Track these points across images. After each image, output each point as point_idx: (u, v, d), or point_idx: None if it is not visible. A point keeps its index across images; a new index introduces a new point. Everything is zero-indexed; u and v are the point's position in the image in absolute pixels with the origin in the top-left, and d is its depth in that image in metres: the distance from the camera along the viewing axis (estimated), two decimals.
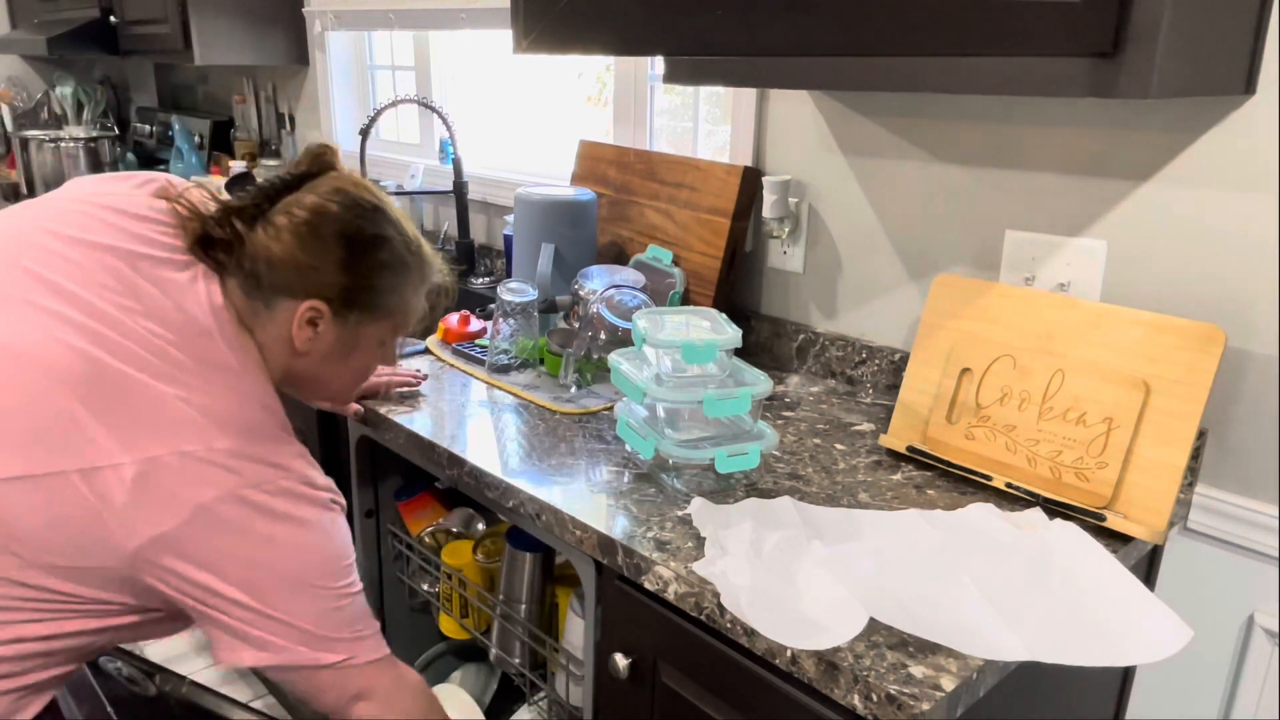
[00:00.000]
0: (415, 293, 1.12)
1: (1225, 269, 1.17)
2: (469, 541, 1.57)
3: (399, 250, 1.07)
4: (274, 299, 1.01)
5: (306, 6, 2.78)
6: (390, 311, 1.09)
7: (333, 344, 1.06)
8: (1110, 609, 0.96)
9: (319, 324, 1.03)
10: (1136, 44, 0.90)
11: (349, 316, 1.05)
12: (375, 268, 1.05)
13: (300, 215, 1.00)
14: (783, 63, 1.24)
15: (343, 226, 1.02)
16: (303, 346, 1.04)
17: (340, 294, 1.03)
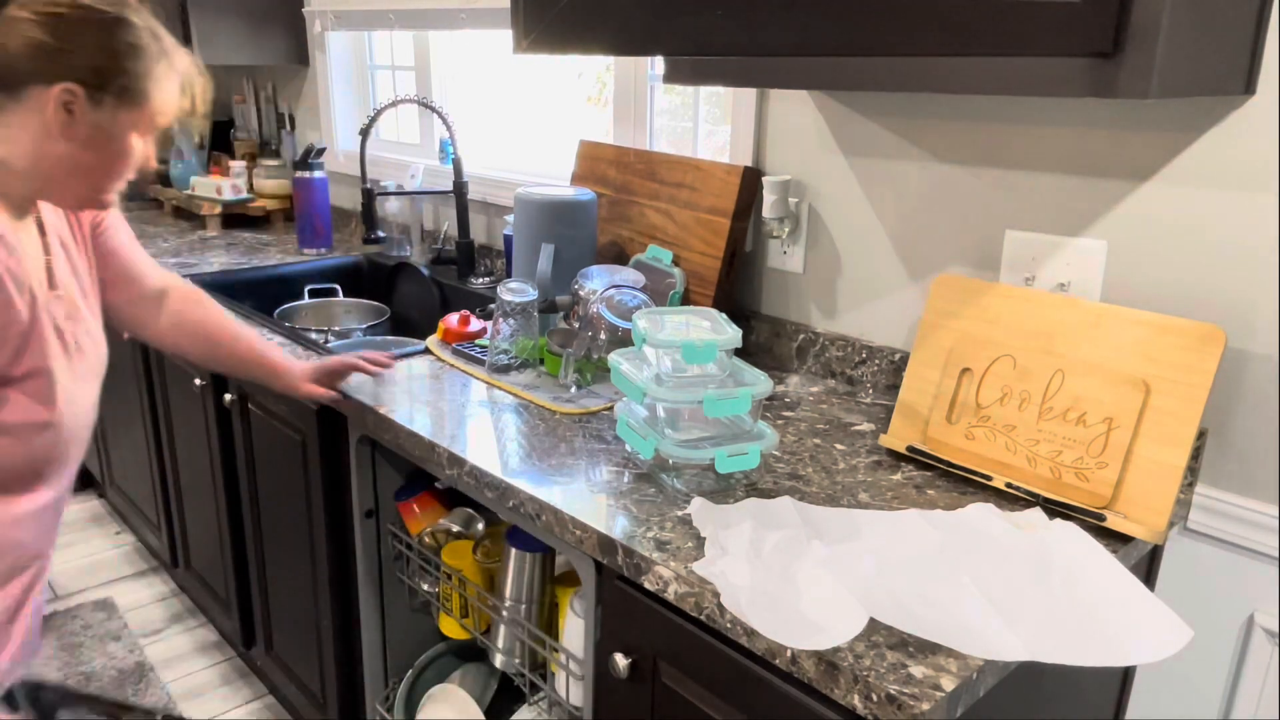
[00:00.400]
0: (168, 79, 1.13)
1: (1225, 269, 1.17)
2: (469, 541, 1.57)
3: (145, 36, 1.09)
4: (22, 89, 1.03)
5: (306, 6, 2.78)
6: (145, 97, 1.10)
7: (90, 130, 1.08)
8: (1110, 609, 0.96)
9: (74, 108, 1.05)
10: (1136, 44, 0.90)
11: (104, 100, 1.07)
12: (124, 50, 1.07)
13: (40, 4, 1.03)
14: (783, 63, 1.24)
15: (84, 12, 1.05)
16: (60, 131, 1.06)
17: (92, 76, 1.05)
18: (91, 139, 1.08)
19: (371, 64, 2.79)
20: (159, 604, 2.59)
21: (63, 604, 2.58)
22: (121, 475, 2.72)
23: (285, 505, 1.80)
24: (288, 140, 3.03)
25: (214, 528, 2.14)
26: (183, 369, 2.13)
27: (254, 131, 3.23)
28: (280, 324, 1.87)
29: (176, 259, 2.45)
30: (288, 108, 3.05)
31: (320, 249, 2.56)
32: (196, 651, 2.38)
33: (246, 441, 1.91)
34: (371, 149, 2.74)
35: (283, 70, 3.02)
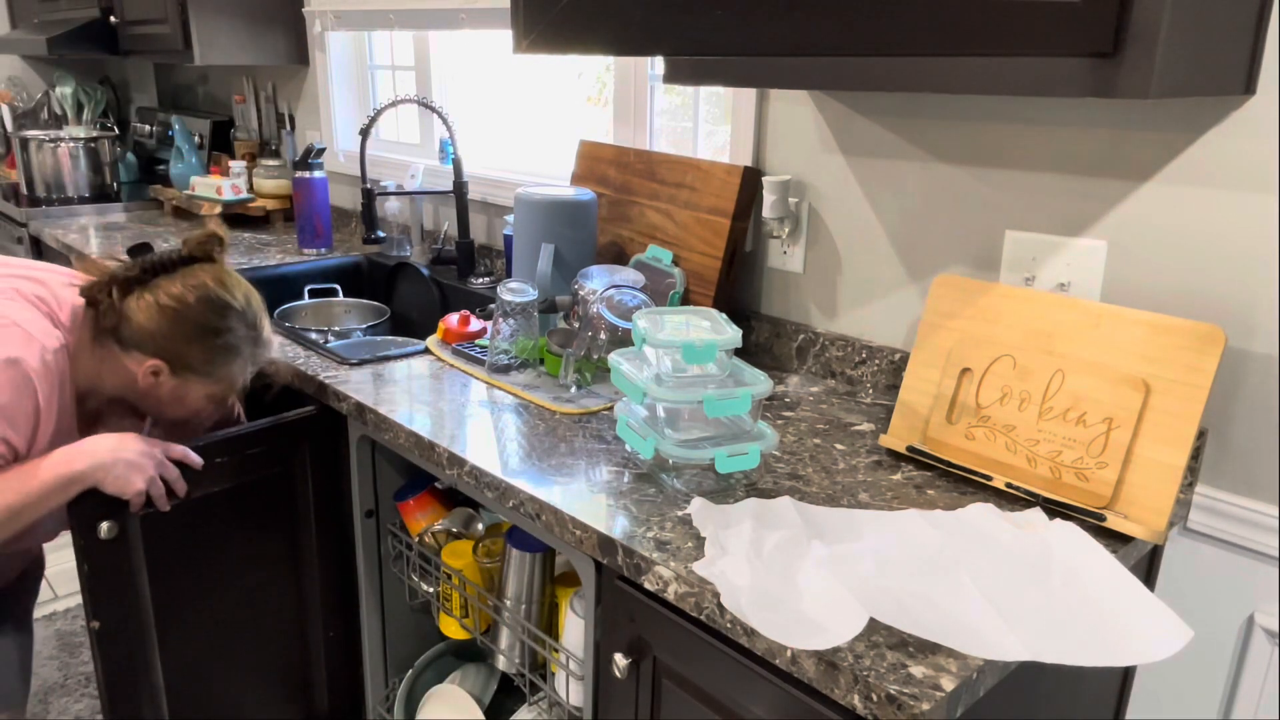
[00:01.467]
0: (243, 368, 1.42)
1: (1225, 269, 1.17)
2: (469, 541, 1.57)
3: (237, 339, 1.38)
4: (132, 350, 1.33)
5: (306, 6, 2.78)
6: (219, 380, 1.40)
7: (169, 391, 1.38)
8: (1110, 609, 0.96)
9: (160, 375, 1.35)
10: (1136, 44, 0.90)
11: (185, 376, 1.37)
12: (213, 350, 1.36)
13: (165, 300, 1.33)
14: (783, 63, 1.24)
15: (195, 316, 1.34)
16: (145, 389, 1.37)
17: (180, 362, 1.35)
18: (171, 396, 1.38)
19: (371, 64, 2.79)
20: None
21: (62, 604, 2.58)
22: None
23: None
24: (288, 140, 3.03)
25: None
26: None
27: (254, 131, 3.23)
28: (280, 324, 1.86)
29: None
30: (288, 108, 3.05)
31: (320, 249, 2.56)
32: None
33: None
34: (371, 149, 2.74)
35: (283, 70, 3.02)
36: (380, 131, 2.80)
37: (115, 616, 1.42)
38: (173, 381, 1.36)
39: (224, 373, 1.39)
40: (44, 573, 1.64)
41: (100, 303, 1.32)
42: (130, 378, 1.35)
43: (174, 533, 1.45)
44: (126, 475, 1.32)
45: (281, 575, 1.63)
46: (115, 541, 1.38)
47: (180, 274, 1.35)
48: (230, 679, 1.61)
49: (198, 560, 1.50)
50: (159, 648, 1.48)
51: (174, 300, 1.33)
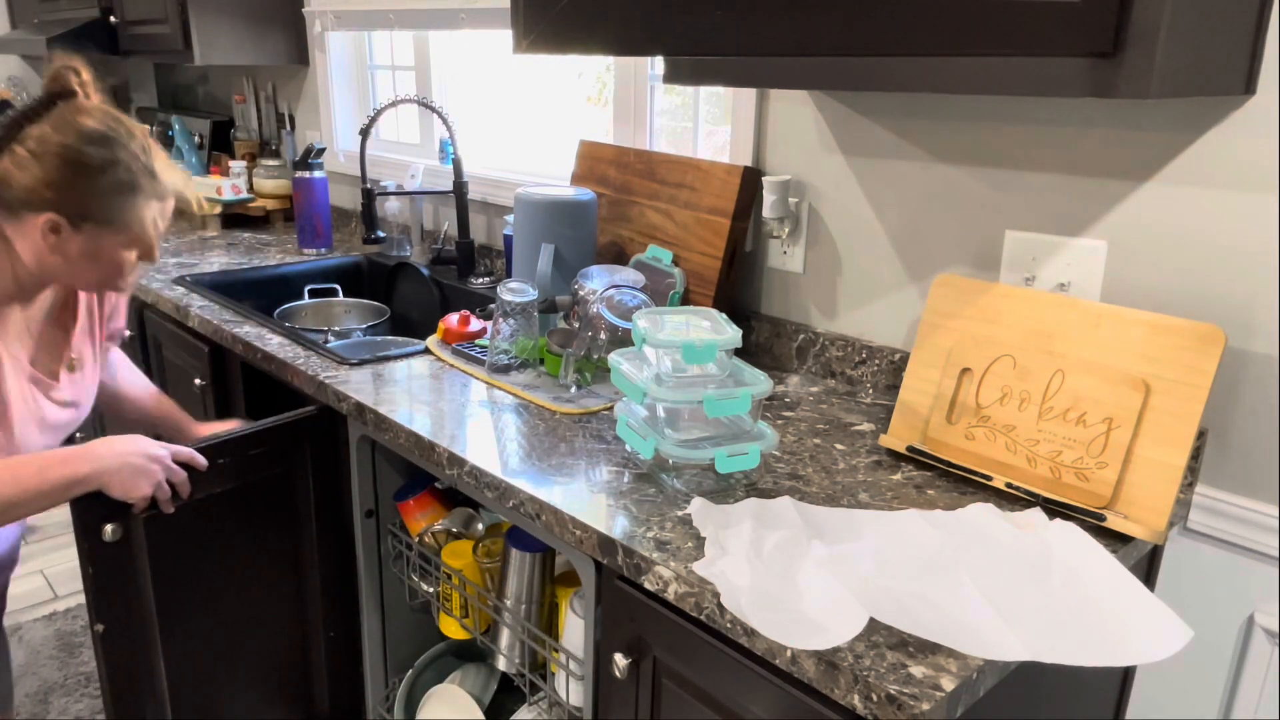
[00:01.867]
0: (146, 205, 1.27)
1: (1225, 269, 1.17)
2: (469, 541, 1.57)
3: (128, 173, 1.24)
4: (21, 212, 1.21)
5: (306, 6, 2.78)
6: (126, 225, 1.25)
7: (78, 251, 1.25)
8: (1110, 609, 0.96)
9: (60, 232, 1.22)
10: (1136, 44, 0.90)
11: (84, 228, 1.23)
12: (104, 189, 1.22)
13: (33, 146, 1.20)
14: (783, 63, 1.24)
15: (72, 155, 1.20)
16: (51, 251, 1.24)
17: (75, 210, 1.21)
18: (82, 255, 1.25)
19: (371, 64, 2.79)
20: None
21: (62, 604, 2.58)
22: None
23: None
24: (288, 140, 3.03)
25: None
26: (183, 369, 2.13)
27: (254, 131, 3.23)
28: (280, 324, 1.86)
29: (176, 259, 2.45)
30: (288, 108, 3.05)
31: (320, 249, 2.56)
32: None
33: None
34: (371, 149, 2.74)
35: (283, 70, 3.02)
36: (380, 131, 2.80)
37: (119, 619, 1.42)
38: (77, 237, 1.23)
39: (127, 216, 1.25)
40: (9, 583, 1.59)
41: None
42: (38, 249, 1.23)
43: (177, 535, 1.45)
44: (133, 480, 1.30)
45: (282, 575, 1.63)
46: (119, 544, 1.38)
47: (46, 118, 1.22)
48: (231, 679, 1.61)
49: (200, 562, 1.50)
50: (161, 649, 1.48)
51: (44, 144, 1.20)
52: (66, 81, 1.25)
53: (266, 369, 1.75)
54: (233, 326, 1.86)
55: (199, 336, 2.01)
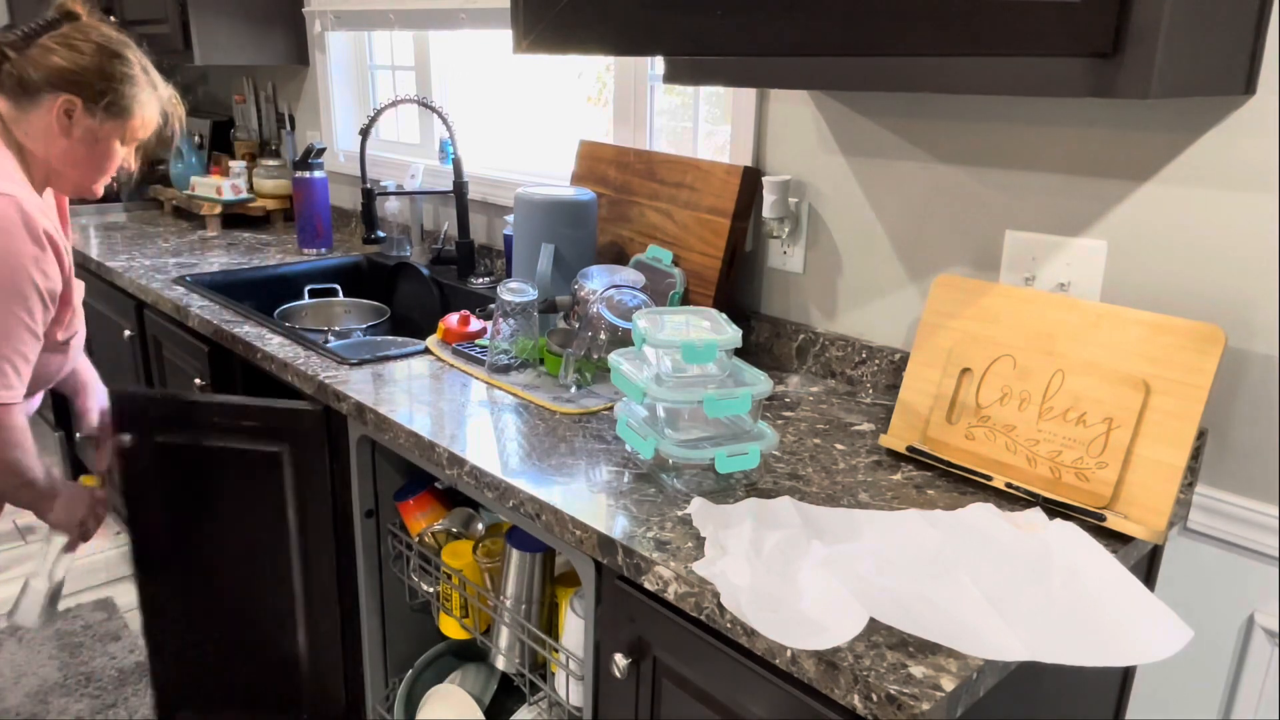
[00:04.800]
0: (149, 104, 1.50)
1: (1225, 269, 1.17)
2: (469, 541, 1.57)
3: (137, 70, 1.47)
4: (39, 95, 1.40)
5: (306, 6, 2.78)
6: (129, 113, 1.47)
7: (84, 132, 1.43)
8: (1110, 609, 0.96)
9: (73, 114, 1.41)
10: (1136, 44, 0.90)
11: (96, 112, 1.43)
12: (119, 77, 1.44)
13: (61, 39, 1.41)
14: (783, 63, 1.24)
15: (98, 45, 1.43)
16: (60, 130, 1.42)
17: (89, 92, 1.42)
18: (84, 138, 1.43)
19: (371, 64, 2.79)
20: None
21: (62, 604, 2.58)
22: None
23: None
24: (288, 140, 3.03)
25: None
26: (183, 368, 2.13)
27: (254, 131, 3.23)
28: (280, 324, 1.86)
29: (177, 259, 2.45)
30: (288, 108, 3.06)
31: (320, 249, 2.56)
32: None
33: None
34: (371, 149, 2.74)
35: (283, 70, 3.02)
36: (380, 131, 2.80)
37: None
38: (86, 120, 1.42)
39: (134, 104, 1.46)
40: None
41: None
42: (47, 131, 1.41)
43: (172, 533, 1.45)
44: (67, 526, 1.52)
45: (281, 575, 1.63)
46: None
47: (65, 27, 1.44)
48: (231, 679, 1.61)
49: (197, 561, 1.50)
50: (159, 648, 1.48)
51: (69, 38, 1.42)
52: (73, 7, 1.46)
53: (266, 369, 1.75)
54: (233, 326, 1.86)
55: (199, 336, 2.01)
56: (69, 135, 1.42)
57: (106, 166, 1.50)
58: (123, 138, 1.48)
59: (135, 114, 1.47)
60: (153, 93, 1.50)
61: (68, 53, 1.41)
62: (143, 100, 1.47)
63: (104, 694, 2.21)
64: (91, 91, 1.41)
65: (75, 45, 1.42)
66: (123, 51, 1.45)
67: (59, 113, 1.40)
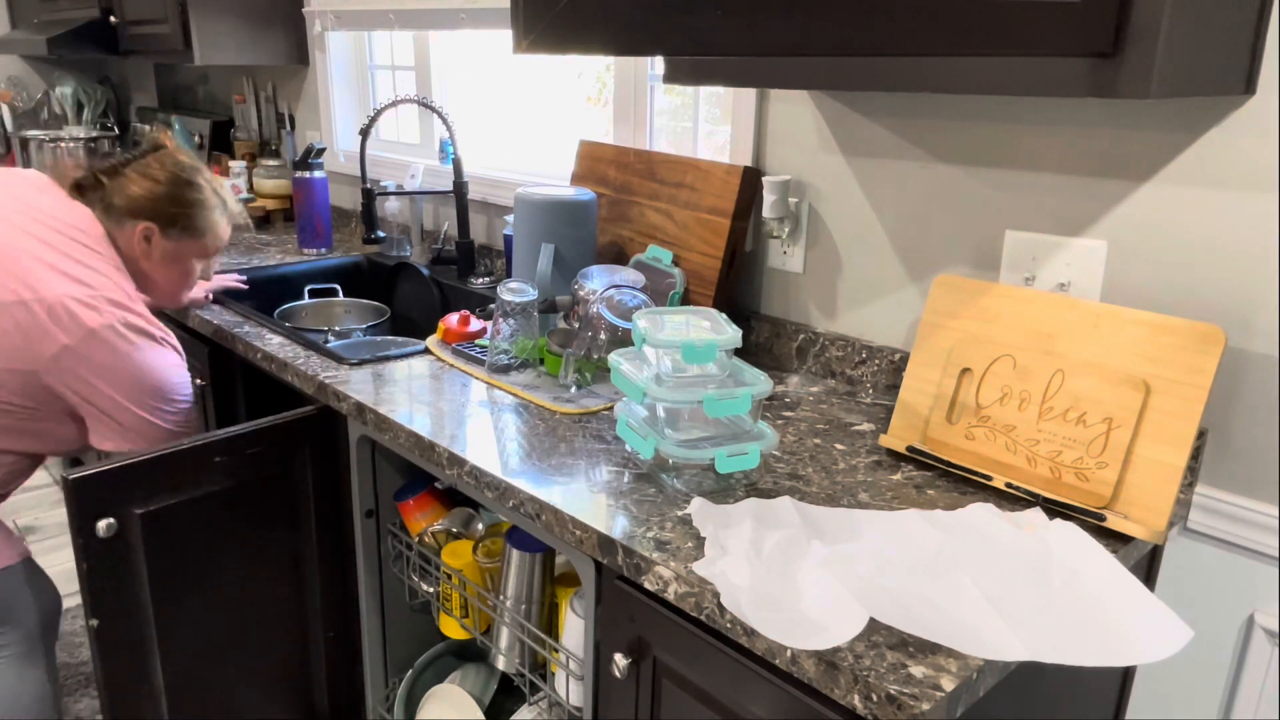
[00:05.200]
0: (219, 222, 1.69)
1: (1225, 269, 1.17)
2: (469, 541, 1.57)
3: (208, 194, 1.66)
4: (124, 220, 1.59)
5: (306, 6, 2.78)
6: (202, 233, 1.66)
7: (163, 254, 1.63)
8: (1110, 609, 0.96)
9: (152, 239, 1.61)
10: (1136, 44, 0.90)
11: (172, 234, 1.62)
12: (192, 204, 1.64)
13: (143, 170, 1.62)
14: (783, 63, 1.24)
15: (170, 179, 1.62)
16: (141, 254, 1.61)
17: (167, 219, 1.61)
18: (163, 260, 1.64)
19: (371, 64, 2.79)
20: None
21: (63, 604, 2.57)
22: None
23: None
24: (288, 140, 3.03)
25: None
26: None
27: (254, 131, 3.23)
28: (280, 324, 1.86)
29: None
30: (288, 108, 3.05)
31: (320, 249, 2.56)
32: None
33: None
34: (371, 149, 2.74)
35: (283, 70, 3.02)
36: (380, 131, 2.80)
37: (114, 615, 1.42)
38: (164, 243, 1.61)
39: (206, 225, 1.65)
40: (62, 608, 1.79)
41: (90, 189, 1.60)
42: (131, 253, 1.60)
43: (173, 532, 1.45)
44: None
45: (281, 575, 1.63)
46: (114, 540, 1.38)
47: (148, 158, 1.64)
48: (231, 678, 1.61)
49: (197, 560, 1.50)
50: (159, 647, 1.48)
51: (151, 171, 1.61)
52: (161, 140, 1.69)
53: (266, 369, 1.74)
54: (233, 326, 1.86)
55: (199, 336, 2.00)
56: (150, 258, 1.62)
57: (188, 281, 1.70)
58: (199, 254, 1.68)
59: (208, 233, 1.66)
60: (224, 211, 1.69)
61: (145, 182, 1.59)
62: (214, 220, 1.66)
63: None
64: (168, 220, 1.61)
65: (152, 175, 1.60)
66: (194, 179, 1.64)
67: (139, 238, 1.59)
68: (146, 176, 1.60)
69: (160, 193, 1.60)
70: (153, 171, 1.61)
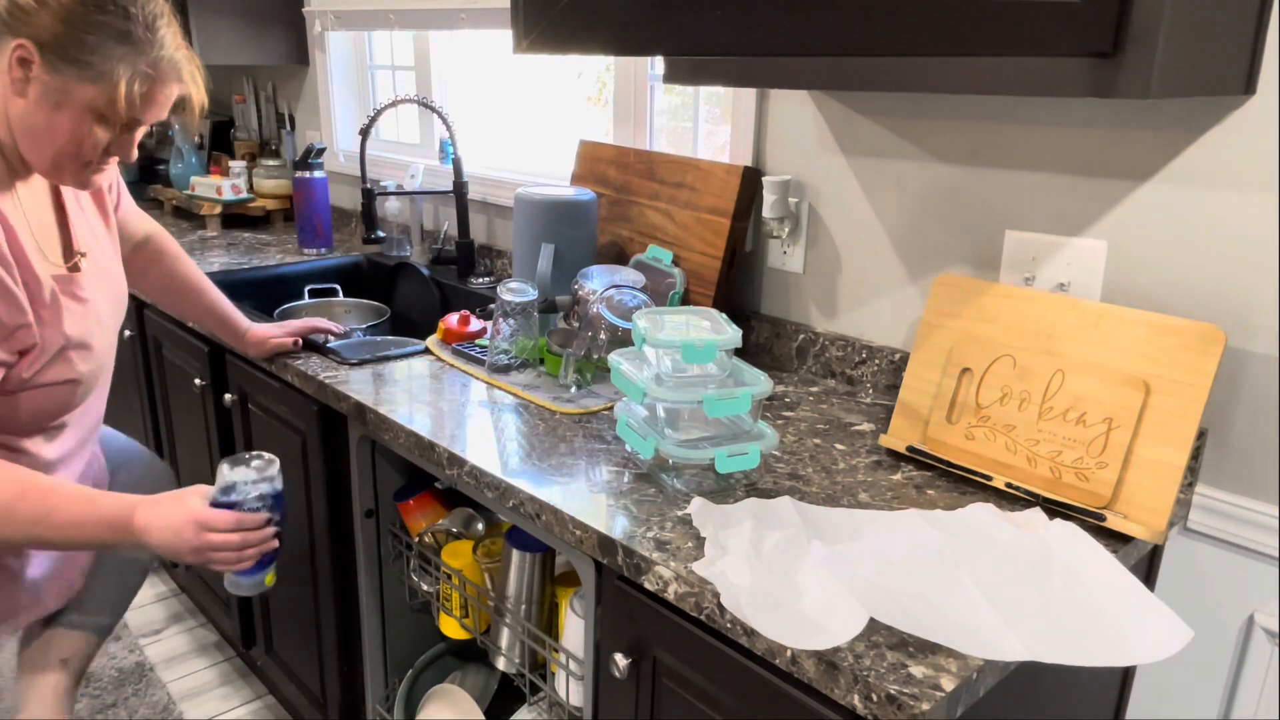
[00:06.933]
0: (130, 69, 1.13)
1: (1225, 269, 1.17)
2: (469, 541, 1.57)
3: (128, 24, 1.12)
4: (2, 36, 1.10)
5: (306, 6, 2.78)
6: (100, 76, 1.11)
7: (42, 92, 1.11)
8: (1110, 609, 0.96)
9: (30, 66, 1.10)
10: (1136, 44, 0.90)
11: (58, 66, 1.10)
12: (94, 25, 1.10)
13: None
14: (783, 63, 1.24)
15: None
16: (15, 87, 1.11)
17: (52, 39, 1.09)
18: (42, 100, 1.11)
19: (371, 64, 2.79)
20: (159, 604, 2.59)
21: None
22: None
23: None
24: (288, 140, 3.03)
25: None
26: (183, 369, 2.13)
27: (254, 131, 3.23)
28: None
29: None
30: (288, 108, 3.06)
31: (320, 249, 2.56)
32: (196, 651, 2.38)
33: (246, 441, 1.91)
34: (371, 149, 2.74)
35: (283, 70, 3.02)
36: (380, 131, 2.80)
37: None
38: (45, 77, 1.10)
39: (106, 68, 1.11)
40: None
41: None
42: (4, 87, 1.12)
43: None
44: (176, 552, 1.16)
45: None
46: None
47: None
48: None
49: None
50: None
51: None
52: None
53: (266, 369, 1.75)
54: None
55: (199, 336, 2.00)
56: (25, 95, 1.11)
57: (76, 144, 1.14)
58: (93, 102, 1.12)
59: (107, 71, 1.11)
60: (145, 48, 1.13)
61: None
62: (122, 55, 1.12)
63: (104, 694, 2.21)
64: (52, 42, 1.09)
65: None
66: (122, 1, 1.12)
67: (13, 61, 1.09)
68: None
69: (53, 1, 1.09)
70: None
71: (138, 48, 1.13)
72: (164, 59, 1.16)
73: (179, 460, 2.27)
